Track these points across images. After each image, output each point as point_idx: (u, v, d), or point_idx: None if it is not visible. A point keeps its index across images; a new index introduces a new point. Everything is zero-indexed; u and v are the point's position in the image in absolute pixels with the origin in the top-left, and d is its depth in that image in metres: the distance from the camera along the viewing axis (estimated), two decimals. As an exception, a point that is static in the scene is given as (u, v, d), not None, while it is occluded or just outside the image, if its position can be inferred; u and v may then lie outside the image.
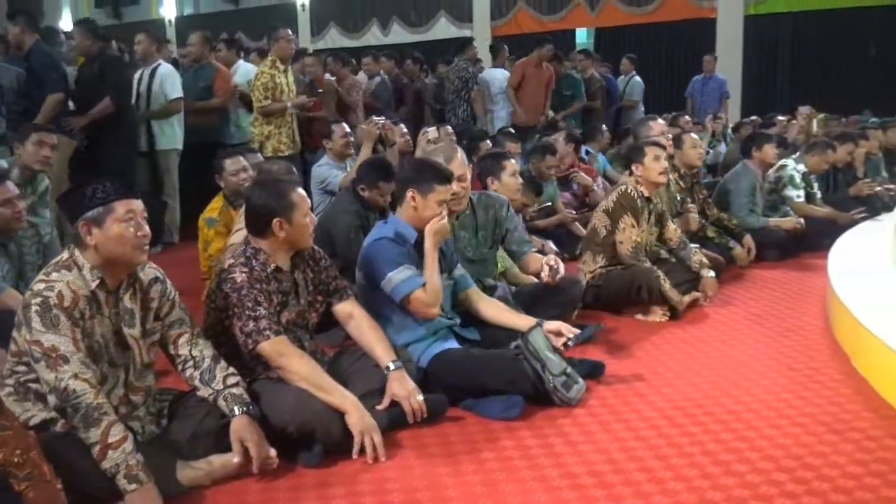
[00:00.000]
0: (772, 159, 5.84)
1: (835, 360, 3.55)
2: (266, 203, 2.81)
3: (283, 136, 6.26)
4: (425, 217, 3.17)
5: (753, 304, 4.51)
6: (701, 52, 12.26)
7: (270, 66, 6.22)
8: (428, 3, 16.17)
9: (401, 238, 3.18)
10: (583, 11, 14.63)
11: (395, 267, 3.07)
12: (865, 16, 12.49)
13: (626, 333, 4.01)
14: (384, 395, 2.83)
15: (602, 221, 4.35)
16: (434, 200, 3.16)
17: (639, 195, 4.31)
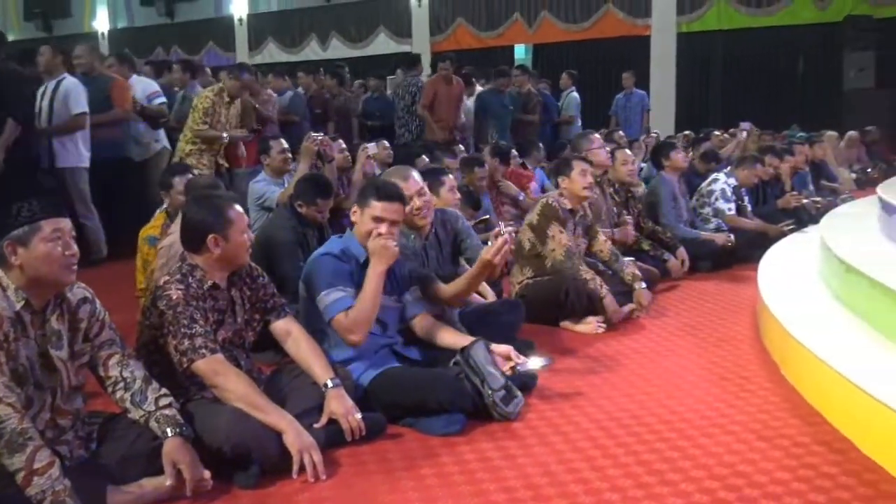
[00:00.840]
0: (681, 164, 6.02)
1: (764, 369, 3.64)
2: (202, 219, 2.77)
3: (204, 159, 6.26)
4: (362, 232, 3.17)
5: (687, 315, 4.60)
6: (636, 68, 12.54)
7: (216, 94, 6.26)
8: (367, 19, 16.21)
9: (346, 255, 3.16)
10: (520, 28, 14.87)
11: (328, 287, 3.06)
12: (794, 33, 12.96)
13: (563, 345, 4.05)
14: (322, 414, 2.80)
15: (526, 235, 4.41)
16: (369, 215, 3.14)
17: (562, 207, 4.37)
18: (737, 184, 6.27)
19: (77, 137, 6.15)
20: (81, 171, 6.21)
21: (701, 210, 6.22)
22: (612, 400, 3.31)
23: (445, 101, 8.27)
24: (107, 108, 6.42)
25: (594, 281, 4.18)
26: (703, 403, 3.24)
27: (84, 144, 6.20)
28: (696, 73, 13.76)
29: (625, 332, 4.27)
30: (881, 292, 3.30)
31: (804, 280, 4.44)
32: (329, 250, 3.18)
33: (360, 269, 3.15)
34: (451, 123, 8.28)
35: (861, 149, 11.34)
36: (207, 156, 6.31)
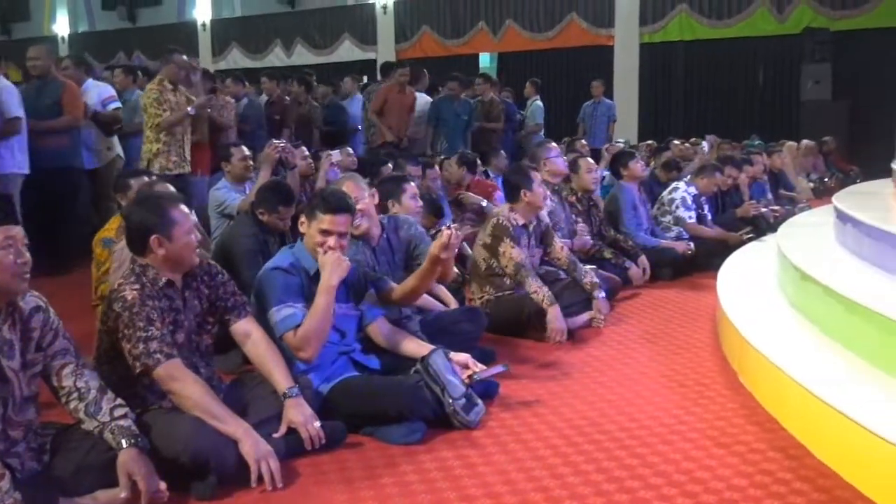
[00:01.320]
0: (639, 173, 6.10)
1: (723, 376, 3.68)
2: (143, 220, 2.72)
3: (173, 155, 6.15)
4: (310, 245, 3.15)
5: (648, 323, 4.65)
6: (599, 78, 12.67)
7: (157, 84, 6.15)
8: (332, 26, 16.19)
9: (296, 268, 3.13)
10: (485, 36, 14.94)
11: (277, 303, 3.03)
12: (754, 45, 13.18)
13: (524, 354, 4.06)
14: (281, 422, 2.78)
15: (481, 255, 4.41)
16: (317, 228, 3.11)
17: (513, 224, 4.37)
18: (697, 192, 6.35)
19: (13, 143, 5.78)
20: (16, 178, 5.85)
21: (662, 218, 6.29)
22: (573, 408, 3.32)
23: (396, 108, 8.25)
24: (57, 114, 6.18)
25: (538, 294, 4.15)
26: (663, 410, 3.27)
27: (20, 151, 5.83)
28: (659, 83, 13.93)
29: (585, 340, 4.30)
30: (835, 299, 3.36)
31: (762, 288, 4.50)
32: (278, 264, 3.14)
33: (310, 282, 3.12)
34: (400, 130, 8.25)
35: (818, 158, 11.55)
36: (175, 152, 6.18)
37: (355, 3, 16.09)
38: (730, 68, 13.41)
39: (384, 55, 15.50)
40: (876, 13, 12.22)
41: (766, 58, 13.22)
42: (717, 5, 13.24)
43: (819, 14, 12.57)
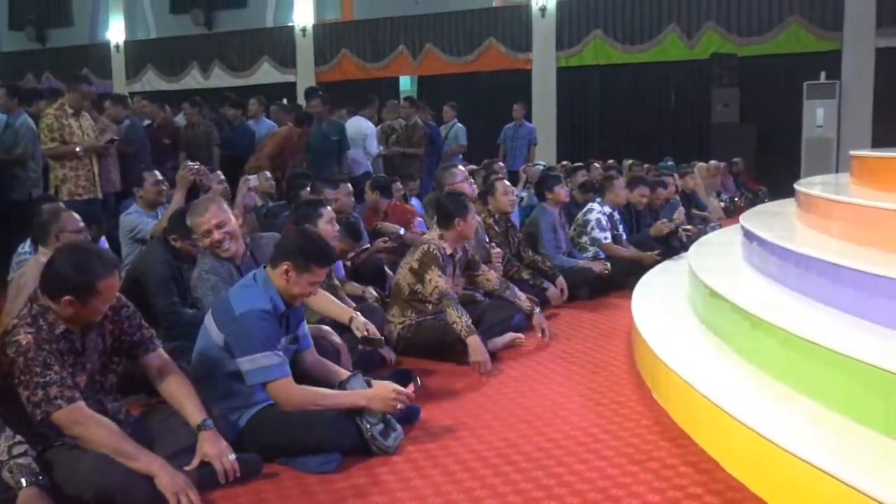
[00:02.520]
0: (563, 198, 6.22)
1: (638, 394, 3.76)
2: (69, 277, 2.56)
3: (82, 180, 5.99)
4: (294, 293, 3.09)
5: (565, 343, 4.71)
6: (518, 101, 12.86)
7: (56, 109, 5.98)
8: (251, 48, 16.05)
9: (275, 309, 3.06)
10: (405, 59, 15.03)
11: (262, 348, 2.94)
12: (665, 69, 13.59)
13: (444, 377, 4.07)
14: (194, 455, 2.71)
15: (406, 279, 4.41)
16: (307, 280, 3.08)
17: (441, 253, 4.38)
18: (611, 211, 6.49)
19: None
20: None
21: (578, 239, 6.41)
22: (492, 430, 3.34)
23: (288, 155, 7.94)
24: None
25: (458, 325, 4.13)
26: (579, 429, 3.31)
27: None
28: (576, 106, 14.22)
29: (505, 361, 4.33)
30: (741, 316, 3.47)
31: (675, 305, 4.61)
32: (261, 306, 3.01)
33: (280, 322, 3.09)
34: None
35: (729, 179, 11.96)
36: (85, 177, 6.02)
37: (274, 26, 15.97)
38: (643, 92, 13.79)
39: (303, 78, 15.45)
40: (779, 40, 12.78)
41: (678, 82, 13.65)
42: (630, 31, 13.64)
43: (726, 40, 13.06)
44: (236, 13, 16.19)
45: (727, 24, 13.05)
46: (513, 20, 14.30)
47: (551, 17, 13.99)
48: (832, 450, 2.48)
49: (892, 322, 2.95)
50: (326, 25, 15.59)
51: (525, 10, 14.18)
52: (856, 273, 3.17)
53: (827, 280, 3.37)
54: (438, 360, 4.27)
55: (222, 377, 3.04)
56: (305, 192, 5.61)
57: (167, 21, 16.82)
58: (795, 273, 3.68)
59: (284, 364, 2.98)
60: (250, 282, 3.13)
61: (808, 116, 12.38)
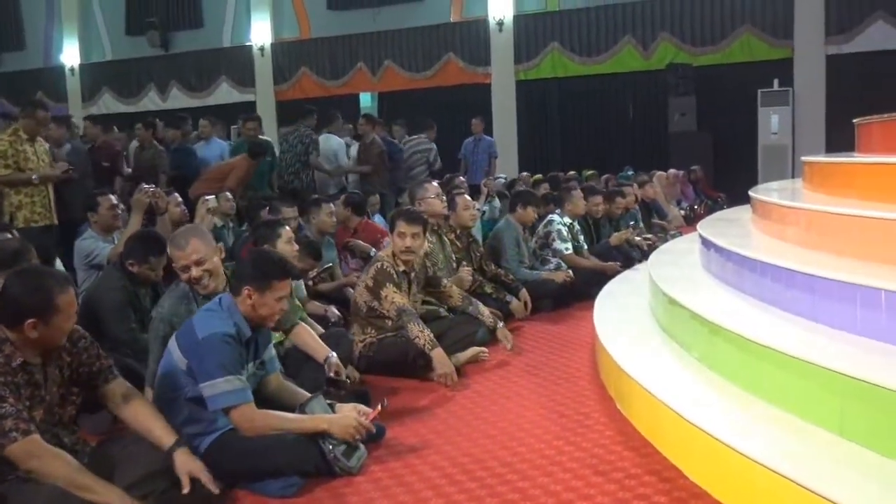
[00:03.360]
0: (531, 221, 6.26)
1: (601, 404, 3.77)
2: (25, 300, 2.52)
3: (38, 206, 5.89)
4: (263, 314, 3.04)
5: (529, 356, 4.71)
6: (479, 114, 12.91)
7: (10, 134, 5.88)
8: (208, 68, 15.97)
9: (239, 334, 3.01)
10: (365, 76, 15.06)
11: (225, 373, 2.89)
12: (623, 80, 13.77)
13: (407, 394, 4.04)
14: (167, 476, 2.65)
15: (363, 297, 4.39)
16: (272, 298, 3.03)
17: (395, 269, 4.37)
18: (571, 222, 6.54)
19: None
20: None
21: (540, 252, 6.44)
22: (457, 446, 3.32)
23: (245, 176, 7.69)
24: None
25: (420, 339, 4.14)
26: (544, 442, 3.31)
27: None
28: (536, 119, 14.35)
29: (470, 376, 4.32)
30: (699, 323, 3.50)
31: (636, 314, 4.64)
32: (225, 330, 2.96)
33: (244, 348, 3.04)
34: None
35: (688, 187, 12.12)
36: (40, 203, 5.91)
37: (232, 46, 15.91)
38: (602, 103, 13.96)
39: (263, 97, 15.42)
40: (732, 49, 13.04)
41: (635, 92, 13.84)
42: (587, 43, 13.80)
43: (681, 51, 13.27)
44: (193, 34, 16.12)
45: (681, 35, 13.28)
46: (470, 35, 14.41)
47: (509, 31, 14.12)
48: (791, 454, 2.51)
49: (845, 325, 2.99)
50: (285, 44, 15.57)
51: (482, 24, 14.29)
52: (809, 277, 3.21)
53: (782, 285, 3.42)
54: (401, 376, 4.25)
55: (185, 402, 3.00)
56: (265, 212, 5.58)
57: (123, 43, 16.69)
58: (751, 279, 3.73)
59: (246, 389, 2.94)
60: (215, 307, 3.08)
61: (762, 123, 12.61)
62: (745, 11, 12.90)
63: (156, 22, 16.11)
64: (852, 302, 2.95)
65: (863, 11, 12.32)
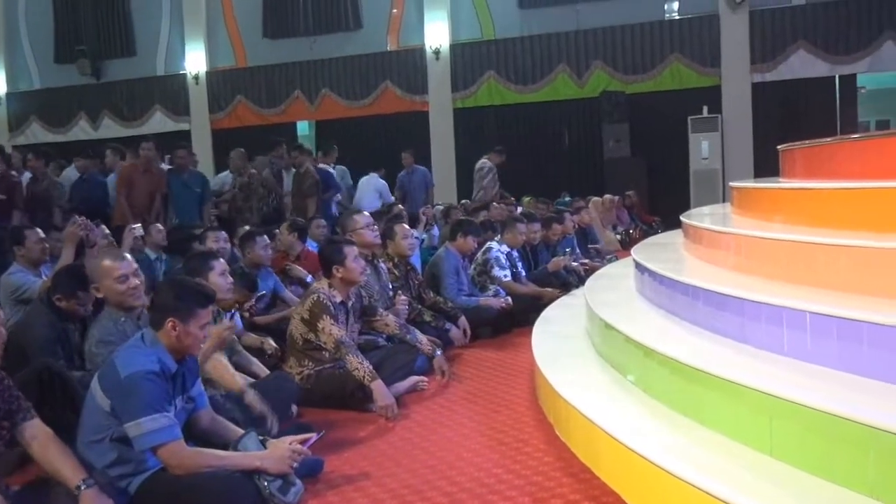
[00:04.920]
0: (470, 249, 6.29)
1: (540, 430, 3.78)
2: None
3: None
4: (187, 344, 2.95)
5: (469, 383, 4.71)
6: (417, 142, 13.02)
7: None
8: (141, 97, 15.75)
9: (164, 371, 2.90)
10: (302, 104, 15.03)
11: (152, 411, 2.78)
12: (559, 108, 14.02)
13: (346, 426, 4.00)
14: None
15: (299, 329, 4.34)
16: (196, 326, 2.95)
17: (332, 301, 4.33)
18: (509, 250, 6.59)
19: None
20: None
21: (479, 278, 6.47)
22: (396, 477, 3.29)
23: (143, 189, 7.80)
24: None
25: (359, 371, 4.10)
26: (483, 471, 3.30)
27: None
28: (474, 146, 14.42)
29: (409, 406, 4.30)
30: (634, 347, 3.55)
31: (573, 340, 4.68)
32: (149, 367, 2.85)
33: (171, 383, 2.94)
34: (144, 211, 7.75)
35: (623, 211, 12.34)
36: None
37: (165, 74, 15.72)
38: (538, 130, 14.17)
39: (198, 126, 15.24)
40: (663, 77, 13.42)
41: (571, 119, 14.09)
42: (523, 72, 14.03)
43: (614, 79, 13.59)
44: (125, 62, 15.90)
45: (614, 64, 13.59)
46: (408, 63, 14.52)
47: (445, 60, 14.27)
48: (723, 475, 2.55)
49: (773, 346, 3.07)
50: (220, 72, 15.46)
51: (419, 53, 14.42)
52: (738, 301, 3.29)
53: (713, 308, 3.49)
54: (340, 409, 4.20)
55: (111, 443, 2.89)
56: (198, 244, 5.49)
57: (52, 71, 16.36)
58: (684, 303, 3.79)
59: (174, 426, 2.86)
60: (138, 342, 2.99)
61: (693, 149, 12.96)
62: (675, 41, 13.30)
63: (86, 50, 15.86)
64: (779, 324, 3.03)
65: (785, 41, 12.83)
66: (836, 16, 12.58)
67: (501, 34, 14.18)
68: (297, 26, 14.99)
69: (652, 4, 13.48)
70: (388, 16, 14.72)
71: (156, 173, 8.04)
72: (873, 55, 12.50)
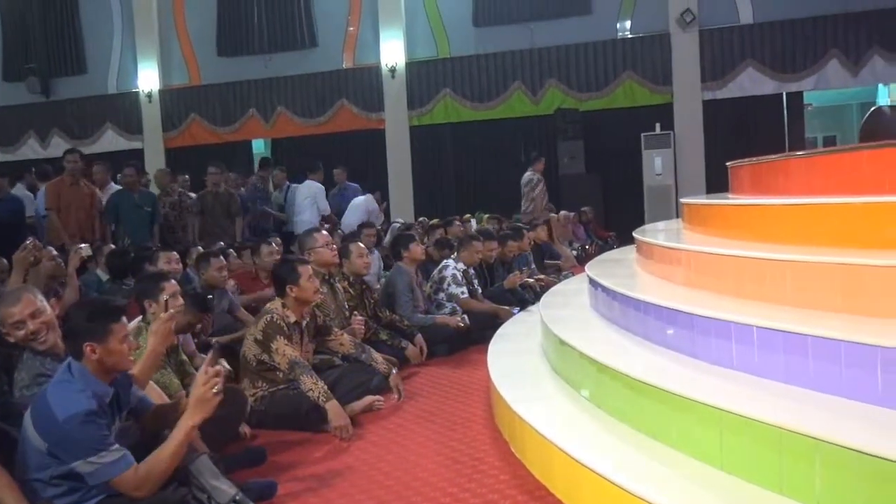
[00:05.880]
0: (419, 255, 6.29)
1: (496, 448, 3.78)
2: None
3: None
4: (113, 362, 2.84)
5: (425, 401, 4.69)
6: (374, 159, 13.02)
7: None
8: (93, 115, 15.53)
9: (101, 405, 2.79)
10: (257, 122, 14.95)
11: (97, 451, 2.68)
12: (515, 125, 14.11)
13: (300, 447, 3.96)
14: None
15: (252, 350, 4.29)
16: (116, 342, 2.82)
17: (285, 321, 4.29)
18: (465, 267, 6.60)
19: None
20: None
21: (435, 296, 6.47)
22: (351, 498, 3.27)
23: (73, 205, 7.55)
24: None
25: (314, 392, 4.06)
26: (438, 490, 3.29)
27: None
28: (430, 163, 14.51)
29: (364, 426, 4.26)
30: (588, 362, 3.57)
31: (529, 356, 4.70)
32: (84, 407, 2.71)
33: (109, 409, 2.84)
34: (82, 229, 7.50)
35: (579, 227, 12.45)
36: None
37: (118, 92, 15.52)
38: (494, 147, 14.24)
39: (151, 144, 15.07)
40: (616, 95, 13.60)
41: (526, 136, 14.19)
42: (479, 89, 14.12)
43: (568, 96, 13.75)
44: (76, 80, 15.66)
45: (568, 81, 13.75)
46: (363, 81, 14.52)
47: (401, 78, 14.30)
48: (676, 490, 2.58)
49: (722, 361, 3.11)
50: (174, 90, 15.30)
51: (375, 71, 14.43)
52: (688, 316, 3.33)
53: (664, 324, 3.53)
54: (295, 429, 4.15)
55: (53, 479, 2.77)
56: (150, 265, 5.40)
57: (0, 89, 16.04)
58: (636, 318, 3.83)
59: (124, 456, 2.75)
60: (66, 376, 2.83)
61: (647, 165, 13.14)
62: (627, 59, 13.51)
63: (35, 68, 15.59)
64: (728, 338, 3.08)
65: (734, 59, 13.11)
66: (782, 35, 12.90)
67: (457, 52, 14.27)
68: (252, 44, 14.92)
69: (605, 23, 13.69)
70: (343, 34, 14.73)
71: (84, 188, 7.67)
72: (819, 73, 12.83)
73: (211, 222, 8.57)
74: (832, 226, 3.51)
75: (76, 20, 15.78)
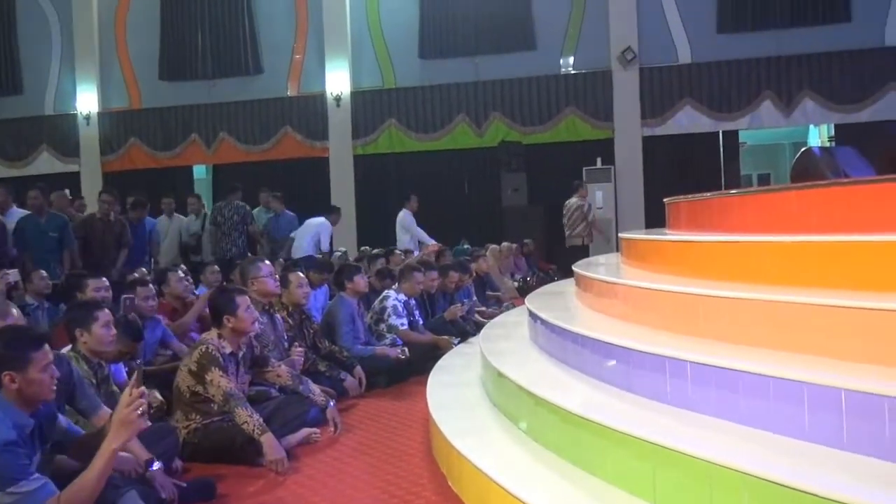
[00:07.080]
0: (363, 289, 6.26)
1: (433, 482, 3.75)
2: None
3: None
4: (34, 392, 2.73)
5: (363, 434, 4.65)
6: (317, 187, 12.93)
7: None
8: (28, 137, 15.18)
9: (21, 435, 2.69)
10: (198, 148, 14.80)
11: (15, 482, 2.58)
12: (458, 157, 14.24)
13: (235, 481, 3.86)
14: None
15: (186, 382, 4.19)
16: (36, 372, 2.72)
17: (221, 352, 4.21)
18: (406, 299, 6.59)
19: None
20: None
21: (376, 327, 6.43)
22: (284, 534, 3.20)
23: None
24: None
25: (249, 424, 3.97)
26: (374, 525, 3.25)
27: None
28: (374, 193, 14.49)
29: (301, 458, 4.19)
30: (525, 395, 3.58)
31: (467, 388, 4.70)
32: (5, 437, 2.61)
33: (30, 440, 2.74)
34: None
35: (521, 259, 12.54)
36: None
37: (54, 114, 15.19)
38: (439, 178, 14.31)
39: (88, 168, 14.78)
40: (559, 129, 13.85)
41: (470, 168, 14.31)
42: (423, 120, 14.22)
43: (512, 129, 13.93)
44: (11, 100, 15.29)
45: (511, 115, 13.95)
46: (308, 109, 14.51)
47: (346, 107, 14.32)
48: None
49: (657, 395, 3.15)
50: (113, 113, 15.05)
51: (320, 99, 14.43)
52: (624, 350, 3.37)
53: (601, 358, 3.57)
54: (229, 462, 4.06)
55: None
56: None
57: (-70, 110, 15.60)
58: (573, 351, 3.87)
59: (46, 484, 2.65)
60: None
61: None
62: (570, 95, 13.78)
63: (-33, 88, 15.20)
64: (662, 372, 3.12)
65: (673, 97, 13.47)
66: (719, 75, 13.31)
67: (402, 83, 14.36)
68: (196, 69, 14.78)
69: (548, 59, 13.95)
70: (289, 61, 14.72)
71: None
72: (753, 113, 13.26)
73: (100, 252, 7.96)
74: (764, 263, 3.60)
75: (12, 39, 15.45)
